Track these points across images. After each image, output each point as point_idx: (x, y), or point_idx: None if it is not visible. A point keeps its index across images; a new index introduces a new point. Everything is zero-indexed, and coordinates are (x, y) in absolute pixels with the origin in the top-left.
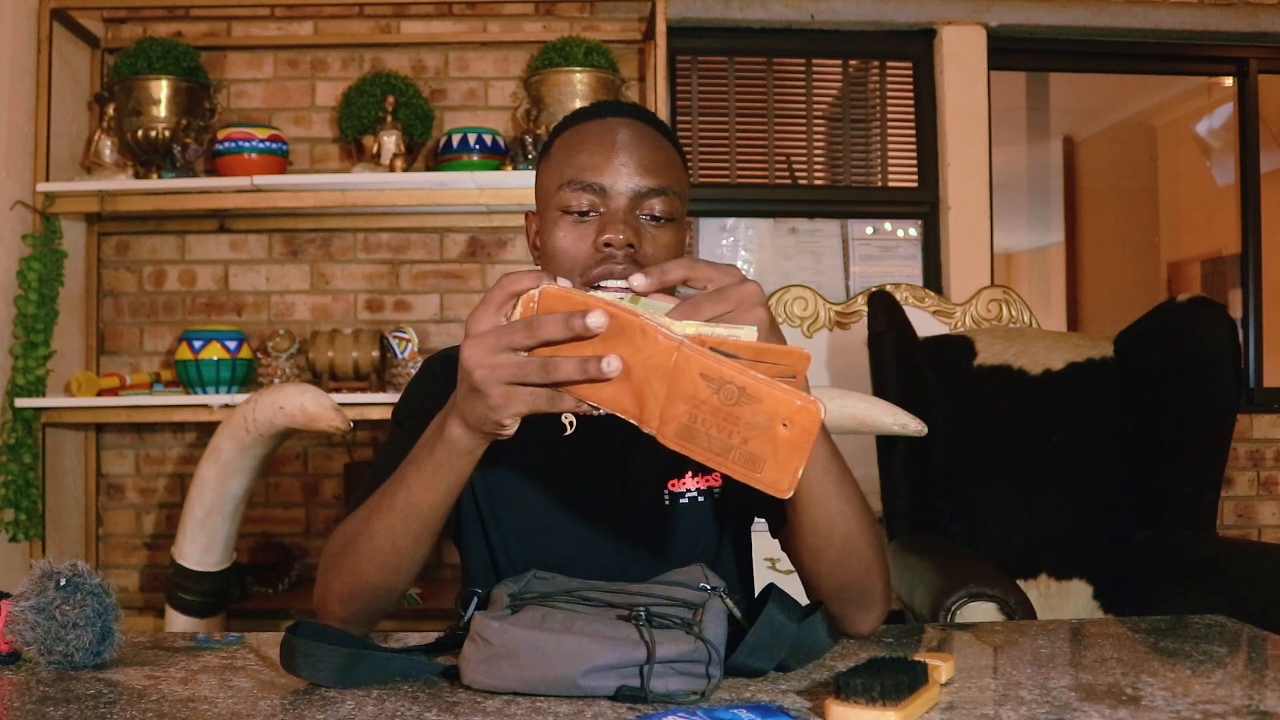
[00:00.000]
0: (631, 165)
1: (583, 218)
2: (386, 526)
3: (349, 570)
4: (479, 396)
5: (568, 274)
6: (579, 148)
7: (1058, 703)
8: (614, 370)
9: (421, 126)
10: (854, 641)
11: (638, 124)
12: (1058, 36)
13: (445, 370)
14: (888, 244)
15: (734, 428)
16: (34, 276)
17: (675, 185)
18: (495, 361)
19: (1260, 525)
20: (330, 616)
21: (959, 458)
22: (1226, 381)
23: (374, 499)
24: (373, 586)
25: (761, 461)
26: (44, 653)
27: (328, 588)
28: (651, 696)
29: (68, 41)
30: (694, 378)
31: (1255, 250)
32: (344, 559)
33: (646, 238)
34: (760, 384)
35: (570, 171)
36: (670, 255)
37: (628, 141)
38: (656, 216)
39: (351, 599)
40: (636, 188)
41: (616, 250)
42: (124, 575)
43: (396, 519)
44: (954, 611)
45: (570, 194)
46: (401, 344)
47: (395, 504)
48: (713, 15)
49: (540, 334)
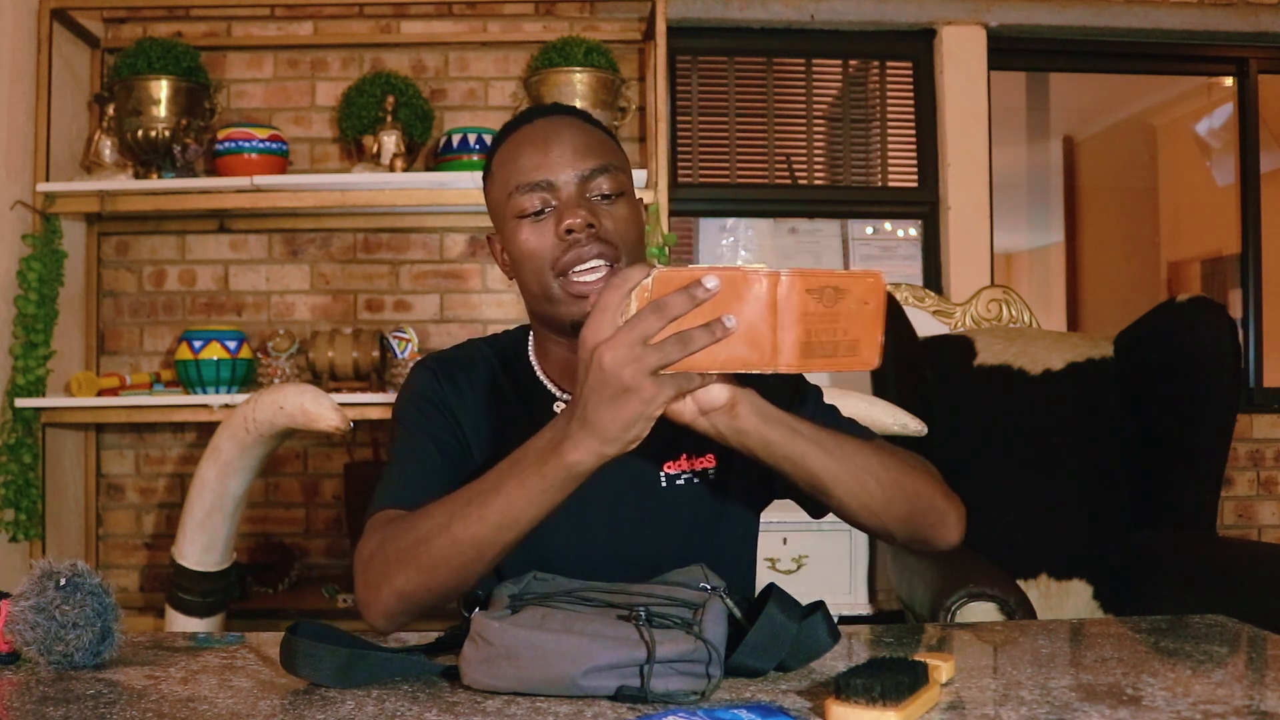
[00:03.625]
0: (569, 153)
1: (539, 216)
2: (474, 535)
3: (421, 569)
4: (631, 396)
5: (541, 272)
6: (516, 155)
7: (1058, 703)
8: (734, 325)
9: (421, 126)
10: (854, 641)
11: (562, 117)
12: (1058, 36)
13: (441, 370)
14: (888, 244)
15: (836, 325)
16: (34, 276)
17: (616, 161)
18: (637, 355)
19: (1260, 525)
20: (379, 612)
21: (959, 458)
22: (1226, 381)
23: (456, 505)
24: (444, 588)
25: (858, 344)
26: (44, 653)
27: (385, 583)
28: (651, 696)
29: (68, 41)
30: (801, 295)
31: (1255, 250)
32: (414, 558)
33: (604, 215)
34: (844, 277)
35: (515, 178)
36: (631, 226)
37: (558, 133)
38: (606, 194)
39: (415, 597)
40: (580, 172)
41: (579, 234)
42: (124, 575)
43: (488, 530)
44: (954, 611)
45: (520, 198)
46: (401, 344)
47: (488, 515)
48: (713, 15)
49: (669, 312)
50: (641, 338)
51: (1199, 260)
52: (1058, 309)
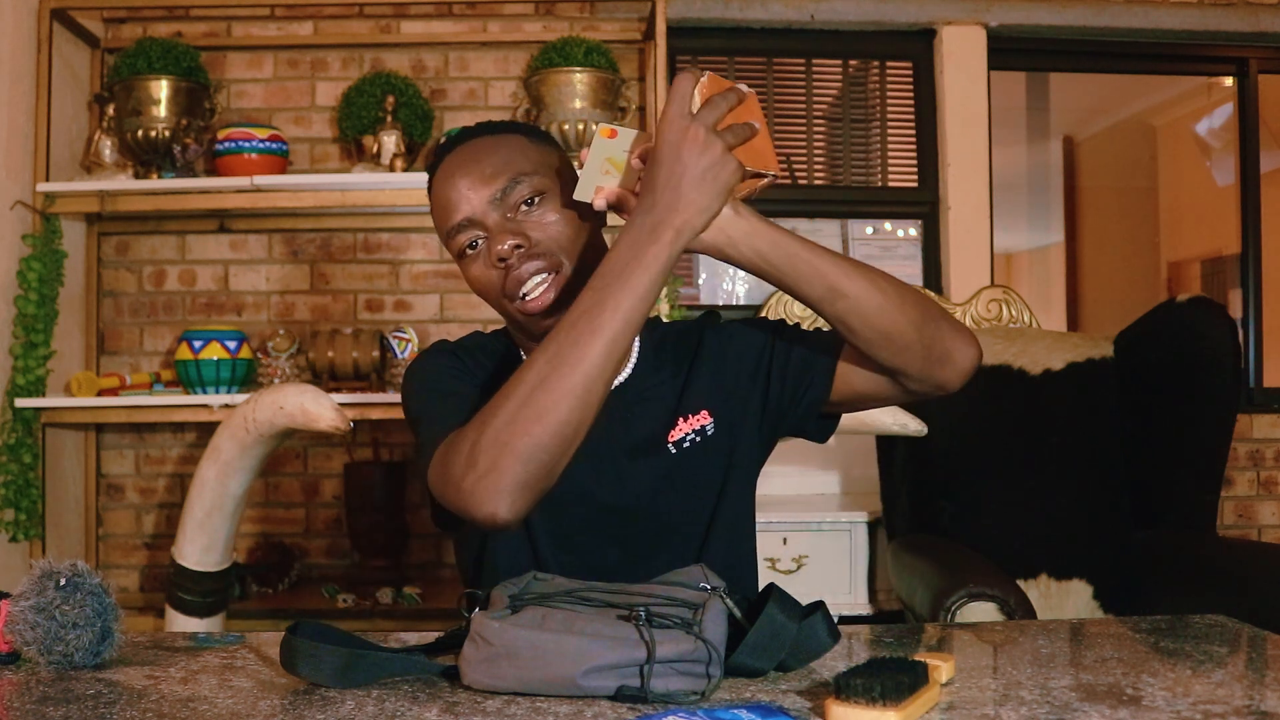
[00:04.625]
0: (477, 181)
1: (474, 249)
2: (591, 356)
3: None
4: (721, 166)
5: (495, 302)
6: (439, 198)
7: (1058, 703)
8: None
9: (421, 126)
10: (854, 641)
11: (468, 144)
12: (1058, 36)
13: (453, 349)
14: (888, 244)
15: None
16: (34, 276)
17: (527, 167)
18: (715, 139)
19: (1260, 525)
20: (506, 487)
21: (959, 458)
22: (1226, 381)
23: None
24: (567, 433)
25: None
26: (44, 653)
27: (504, 455)
28: (652, 696)
29: (68, 41)
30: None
31: (1255, 250)
32: (530, 411)
33: (530, 226)
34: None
35: (443, 221)
36: (560, 229)
37: (465, 164)
38: (528, 200)
39: (539, 457)
40: (493, 195)
41: (509, 259)
42: (124, 575)
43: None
44: (954, 611)
45: (454, 239)
46: (401, 344)
47: (602, 328)
48: (713, 15)
49: (728, 102)
50: (715, 119)
51: (1199, 260)
52: (1058, 309)
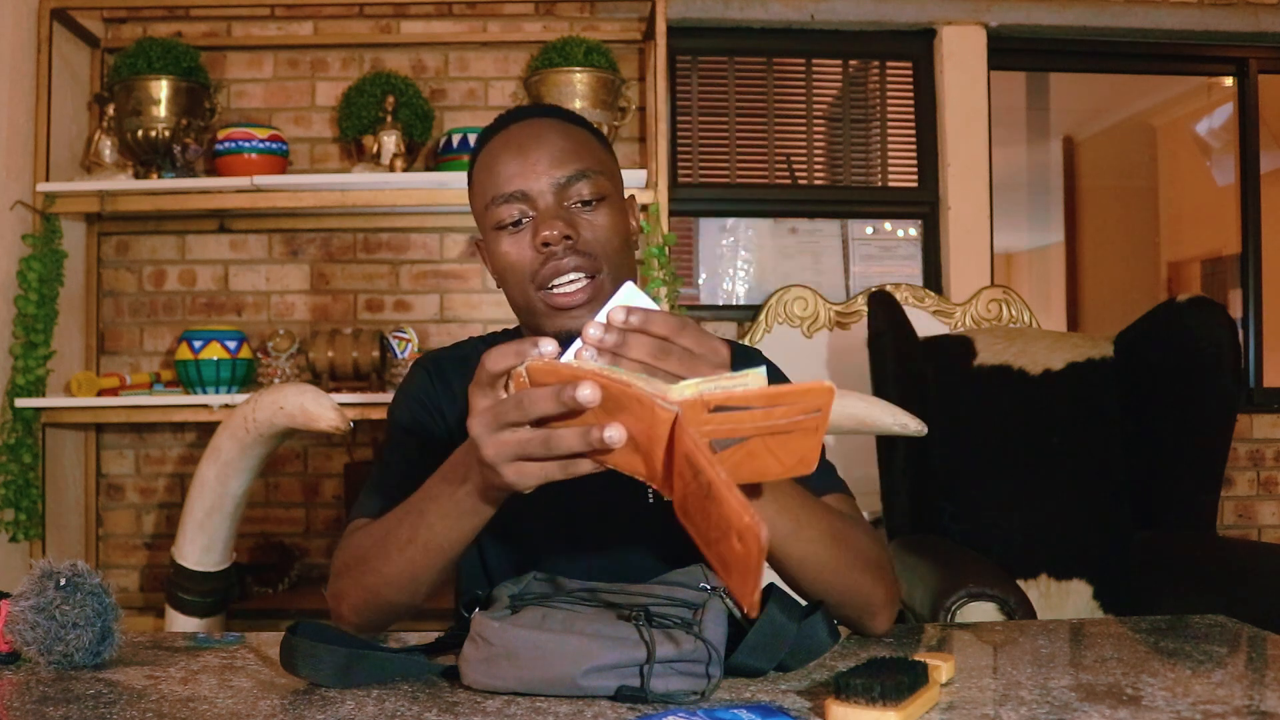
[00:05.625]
0: (544, 160)
1: (517, 227)
2: (406, 557)
3: (366, 587)
4: (492, 471)
5: (522, 284)
6: (492, 164)
7: (1058, 703)
8: (617, 440)
9: (421, 126)
10: (854, 641)
11: (541, 120)
12: (1058, 36)
13: (436, 370)
14: (888, 244)
15: (709, 522)
16: (34, 276)
17: (595, 165)
18: (499, 439)
19: (1260, 525)
20: (344, 622)
21: (959, 458)
22: (1226, 381)
23: (391, 524)
24: (390, 603)
25: (728, 567)
26: (44, 653)
27: (343, 596)
28: (652, 696)
29: (68, 41)
30: (682, 458)
31: (1255, 250)
32: (360, 575)
33: (582, 224)
34: (721, 486)
35: (491, 188)
36: (610, 235)
37: (535, 139)
38: (586, 200)
39: (367, 610)
40: (556, 180)
41: (555, 246)
42: (124, 575)
43: (418, 552)
44: (954, 611)
45: (497, 209)
46: (401, 344)
47: (416, 538)
48: (713, 15)
49: (533, 411)
50: (503, 423)
51: (1199, 260)
52: (1058, 309)
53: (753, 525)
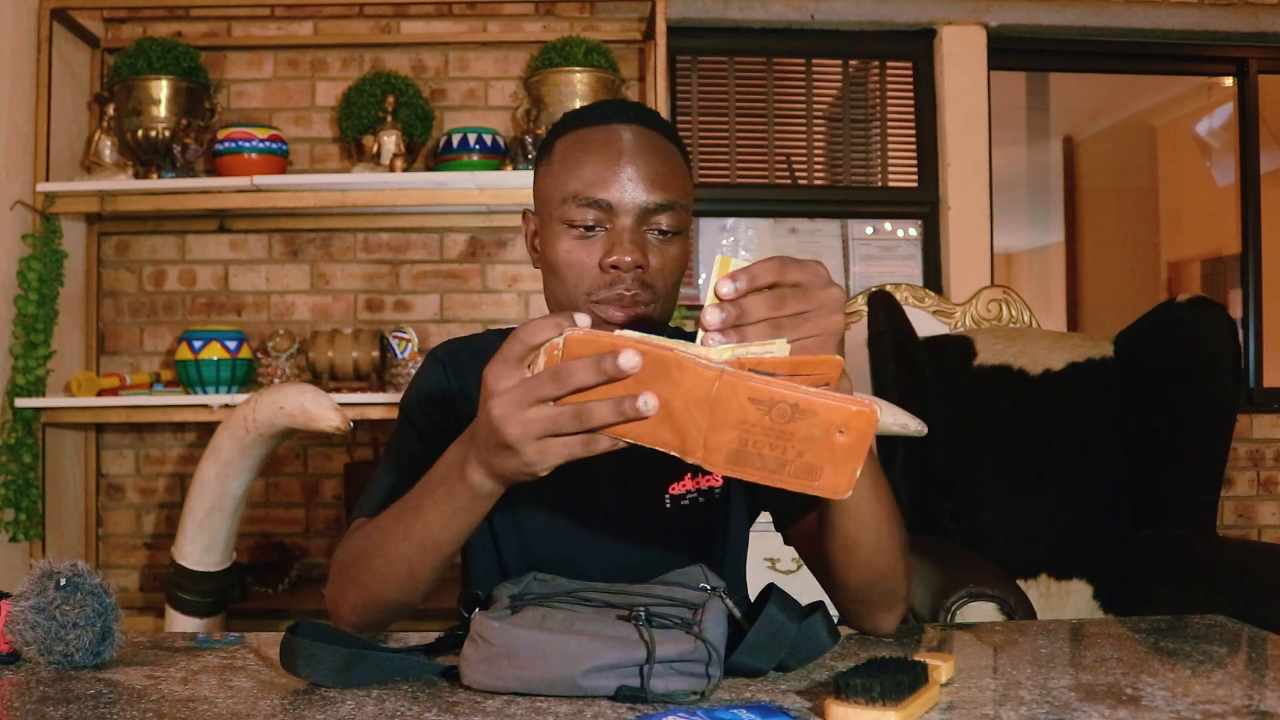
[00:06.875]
0: (639, 179)
1: (588, 232)
2: (403, 555)
3: (364, 585)
4: (512, 454)
5: (572, 289)
6: (583, 158)
7: (1058, 703)
8: (652, 408)
9: (421, 126)
10: (854, 641)
11: (644, 130)
12: (1058, 36)
13: (452, 361)
14: (888, 244)
15: (789, 444)
16: (34, 276)
17: (682, 199)
18: (526, 417)
19: (1260, 525)
20: (343, 622)
21: (959, 458)
22: (1226, 381)
23: (388, 521)
24: (389, 602)
25: (819, 470)
26: (44, 653)
27: (342, 595)
28: (652, 696)
29: (68, 41)
30: (742, 403)
31: (1255, 250)
32: (359, 573)
33: (654, 255)
34: (813, 398)
35: (575, 184)
36: (676, 270)
37: (634, 152)
38: (664, 231)
39: (365, 609)
40: (644, 204)
41: (625, 272)
42: (124, 575)
43: (414, 549)
44: (954, 611)
45: (575, 209)
46: (401, 344)
47: (413, 535)
48: (713, 15)
49: (571, 383)
50: (534, 400)
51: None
52: (1058, 309)
53: (863, 409)
